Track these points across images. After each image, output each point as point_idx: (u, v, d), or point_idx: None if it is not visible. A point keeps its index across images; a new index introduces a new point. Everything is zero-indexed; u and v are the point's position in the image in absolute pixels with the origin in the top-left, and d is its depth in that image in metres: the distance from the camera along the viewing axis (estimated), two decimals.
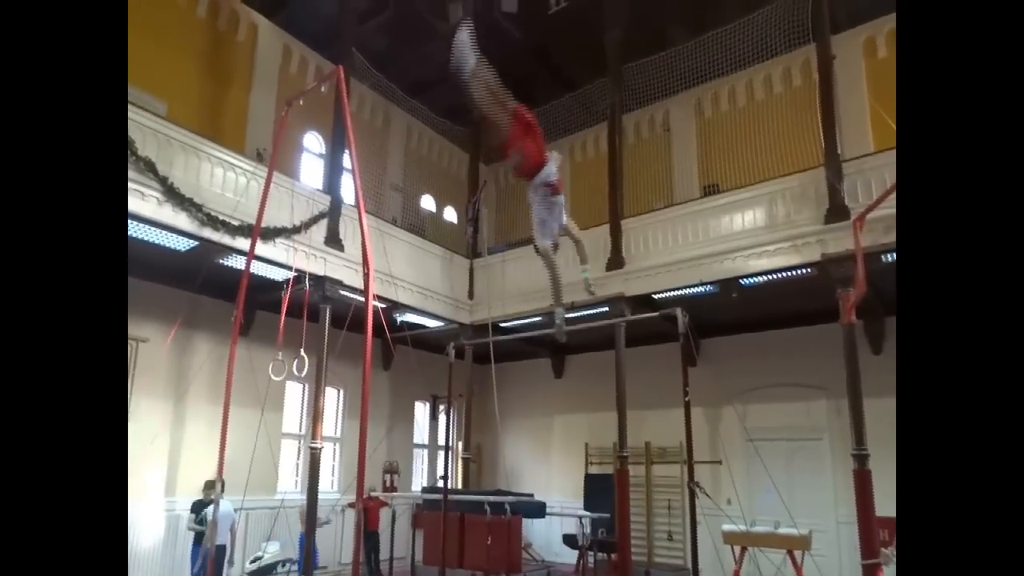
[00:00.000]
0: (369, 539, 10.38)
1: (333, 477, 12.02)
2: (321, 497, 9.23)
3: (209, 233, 8.36)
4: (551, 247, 5.14)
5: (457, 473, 12.81)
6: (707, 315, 10.90)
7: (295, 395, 11.77)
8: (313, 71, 12.56)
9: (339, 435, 12.33)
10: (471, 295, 12.71)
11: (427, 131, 14.87)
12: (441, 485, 9.51)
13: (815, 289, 9.15)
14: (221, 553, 8.04)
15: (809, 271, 9.17)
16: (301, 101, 7.60)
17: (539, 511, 10.46)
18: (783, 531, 8.59)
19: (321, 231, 9.85)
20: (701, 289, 10.10)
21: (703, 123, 13.33)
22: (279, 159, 8.44)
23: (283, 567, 9.44)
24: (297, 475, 11.54)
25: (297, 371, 7.11)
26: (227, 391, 7.20)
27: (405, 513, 11.96)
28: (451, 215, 15.66)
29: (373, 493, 10.85)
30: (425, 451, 14.37)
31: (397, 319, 10.75)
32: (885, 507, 7.41)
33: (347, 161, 9.38)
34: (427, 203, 15.10)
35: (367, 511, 10.06)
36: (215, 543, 7.40)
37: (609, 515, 10.37)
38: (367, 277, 5.85)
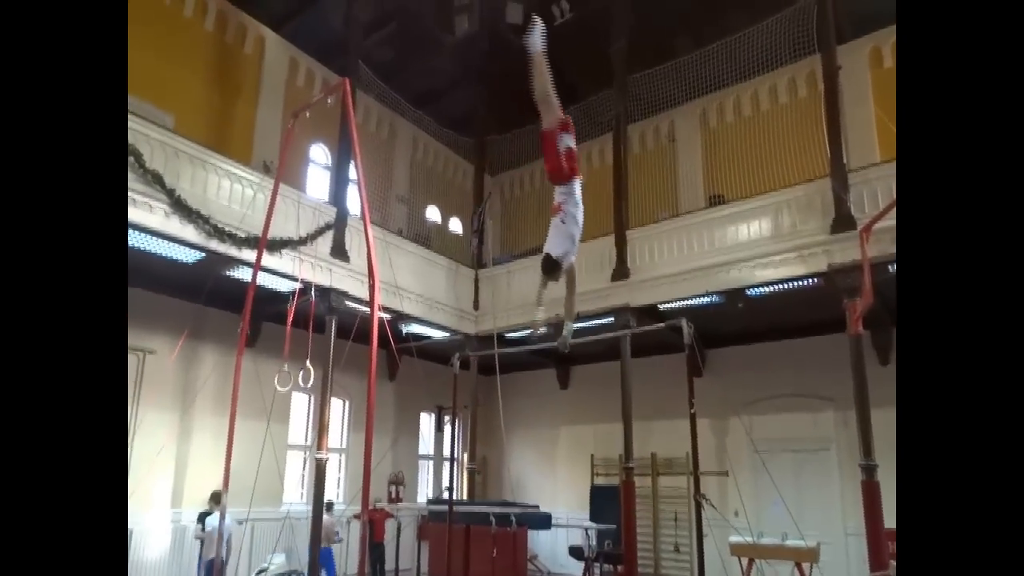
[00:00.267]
0: (374, 551, 10.33)
1: (339, 489, 11.99)
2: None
3: (216, 245, 8.40)
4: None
5: (462, 484, 12.78)
6: (713, 325, 10.87)
7: (301, 406, 11.79)
8: (319, 83, 12.65)
9: (344, 446, 12.32)
10: (476, 306, 12.71)
11: (432, 142, 14.93)
12: (446, 496, 9.49)
13: (822, 299, 9.12)
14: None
15: (816, 281, 9.14)
16: (307, 113, 7.63)
17: (545, 523, 10.42)
18: (791, 543, 8.54)
19: (327, 242, 9.88)
20: (707, 299, 10.07)
21: (708, 133, 13.35)
22: (285, 171, 8.48)
23: None
24: (303, 486, 11.54)
25: (303, 382, 7.10)
26: (233, 402, 7.21)
27: (411, 525, 11.93)
28: (456, 226, 15.70)
29: (379, 504, 10.83)
30: (430, 462, 14.35)
31: (402, 330, 10.75)
32: (894, 519, 7.34)
33: (353, 173, 9.43)
34: (432, 214, 15.15)
35: (373, 522, 10.03)
36: (216, 555, 7.38)
37: (615, 527, 10.33)
38: (372, 288, 5.86)
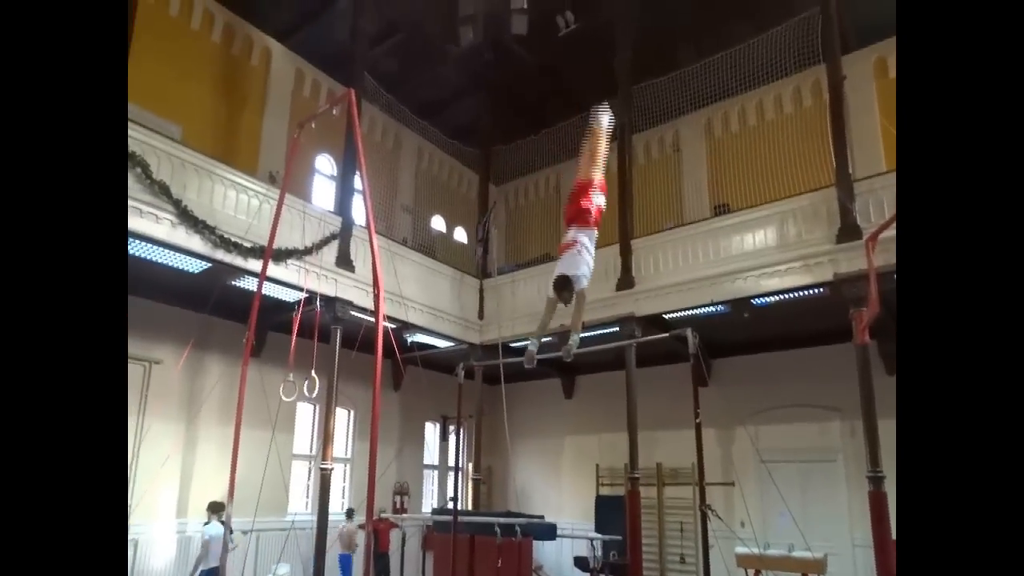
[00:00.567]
0: (379, 561, 10.31)
1: (343, 499, 11.98)
2: (332, 518, 9.21)
3: (222, 255, 8.42)
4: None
5: (467, 494, 12.75)
6: (719, 335, 10.85)
7: (306, 416, 11.78)
8: (325, 94, 12.72)
9: (349, 456, 12.30)
10: (481, 315, 12.71)
11: (437, 152, 14.97)
12: (451, 507, 9.46)
13: (828, 309, 9.08)
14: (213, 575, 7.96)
15: (821, 291, 9.10)
16: (313, 124, 7.69)
17: (550, 533, 10.36)
18: (797, 554, 8.47)
19: (332, 252, 9.90)
20: (712, 309, 10.04)
21: (713, 143, 13.36)
22: (291, 181, 8.53)
23: None
24: (308, 496, 11.52)
25: (308, 392, 7.13)
26: (238, 412, 7.23)
27: (415, 535, 11.91)
28: (461, 236, 15.72)
29: (383, 514, 10.81)
30: (435, 472, 14.31)
31: (407, 340, 10.76)
32: None
33: (358, 183, 9.46)
34: (437, 224, 15.17)
35: (377, 533, 10.01)
36: (215, 565, 7.36)
37: (621, 537, 10.28)
38: (378, 298, 5.88)
